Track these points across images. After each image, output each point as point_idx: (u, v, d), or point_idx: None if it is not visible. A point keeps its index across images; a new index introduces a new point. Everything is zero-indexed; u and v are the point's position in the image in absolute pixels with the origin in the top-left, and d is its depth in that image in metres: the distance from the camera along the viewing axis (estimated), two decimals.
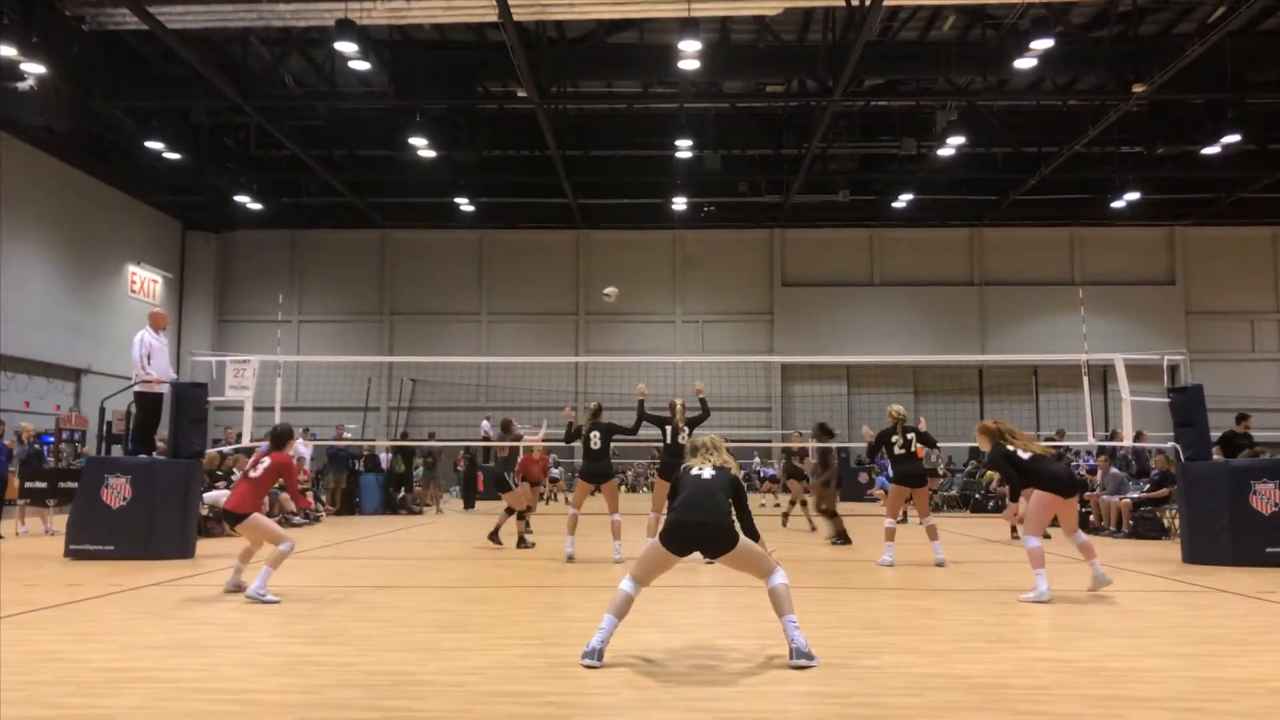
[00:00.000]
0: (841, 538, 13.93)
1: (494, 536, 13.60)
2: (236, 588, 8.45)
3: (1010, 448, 8.50)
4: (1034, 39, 20.99)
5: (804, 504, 17.03)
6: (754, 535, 6.00)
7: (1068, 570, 10.32)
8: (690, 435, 11.45)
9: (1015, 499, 8.82)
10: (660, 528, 6.05)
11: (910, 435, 11.86)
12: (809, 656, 5.68)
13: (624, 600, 5.88)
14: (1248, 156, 28.25)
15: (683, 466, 6.24)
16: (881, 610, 7.91)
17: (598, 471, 11.70)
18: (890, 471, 12.89)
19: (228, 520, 8.47)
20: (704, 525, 5.81)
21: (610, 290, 13.63)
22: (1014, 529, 13.15)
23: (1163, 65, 22.25)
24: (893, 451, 11.86)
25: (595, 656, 5.67)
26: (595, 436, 11.61)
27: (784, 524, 17.39)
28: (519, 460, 14.94)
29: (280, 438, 8.67)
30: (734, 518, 5.93)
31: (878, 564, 11.20)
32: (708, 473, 6.04)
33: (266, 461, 8.46)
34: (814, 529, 16.27)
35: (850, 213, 34.46)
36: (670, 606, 8.19)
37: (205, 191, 32.13)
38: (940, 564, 11.08)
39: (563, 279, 37.25)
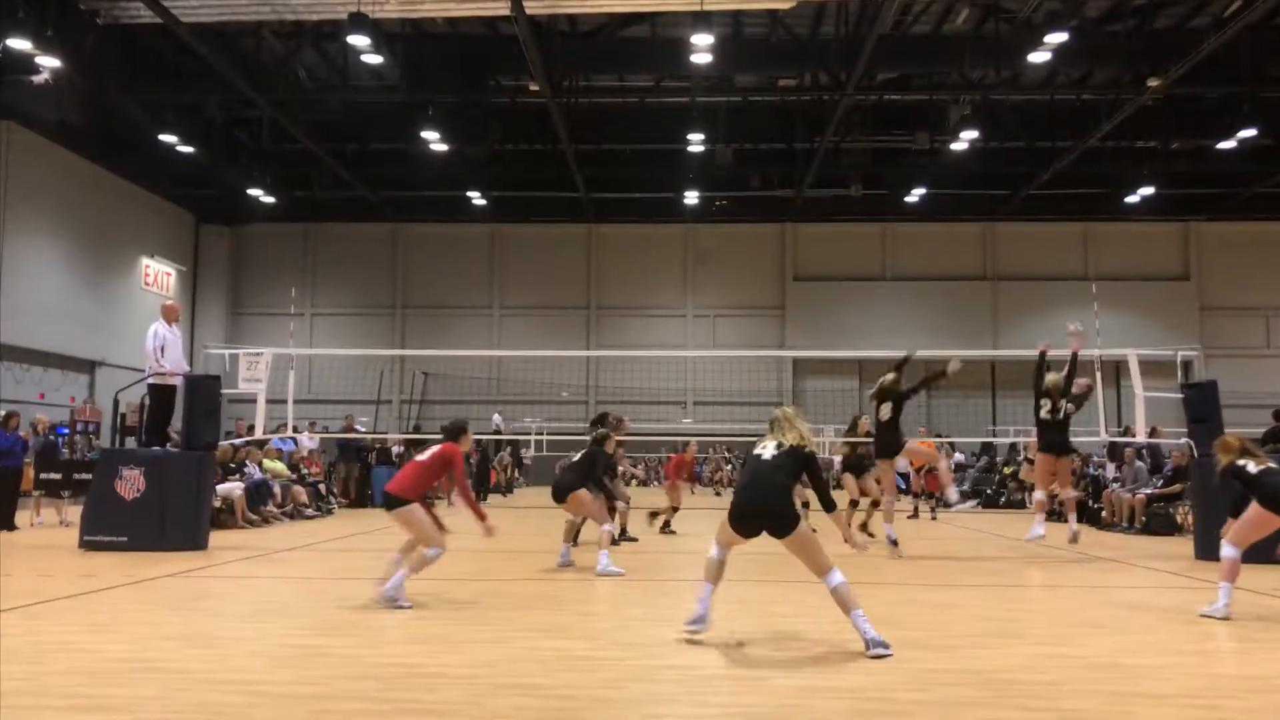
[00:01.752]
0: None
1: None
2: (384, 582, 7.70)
3: (1241, 462, 7.82)
4: (1048, 32, 20.89)
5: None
6: (829, 506, 6.26)
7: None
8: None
9: (1235, 515, 8.00)
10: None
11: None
12: (884, 645, 5.73)
13: (715, 565, 6.17)
14: (1263, 151, 28.07)
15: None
16: (891, 605, 7.89)
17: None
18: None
19: (385, 503, 7.75)
20: (758, 506, 5.92)
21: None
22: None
23: (1178, 59, 22.11)
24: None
25: (702, 621, 6.00)
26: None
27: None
28: (671, 460, 14.84)
29: (453, 431, 8.02)
30: (791, 498, 6.03)
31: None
32: (769, 453, 6.08)
33: (435, 449, 7.82)
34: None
35: (862, 207, 34.37)
36: (680, 601, 8.19)
37: (218, 185, 32.26)
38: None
39: (574, 273, 37.27)
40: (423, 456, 7.78)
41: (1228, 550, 7.59)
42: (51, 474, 15.65)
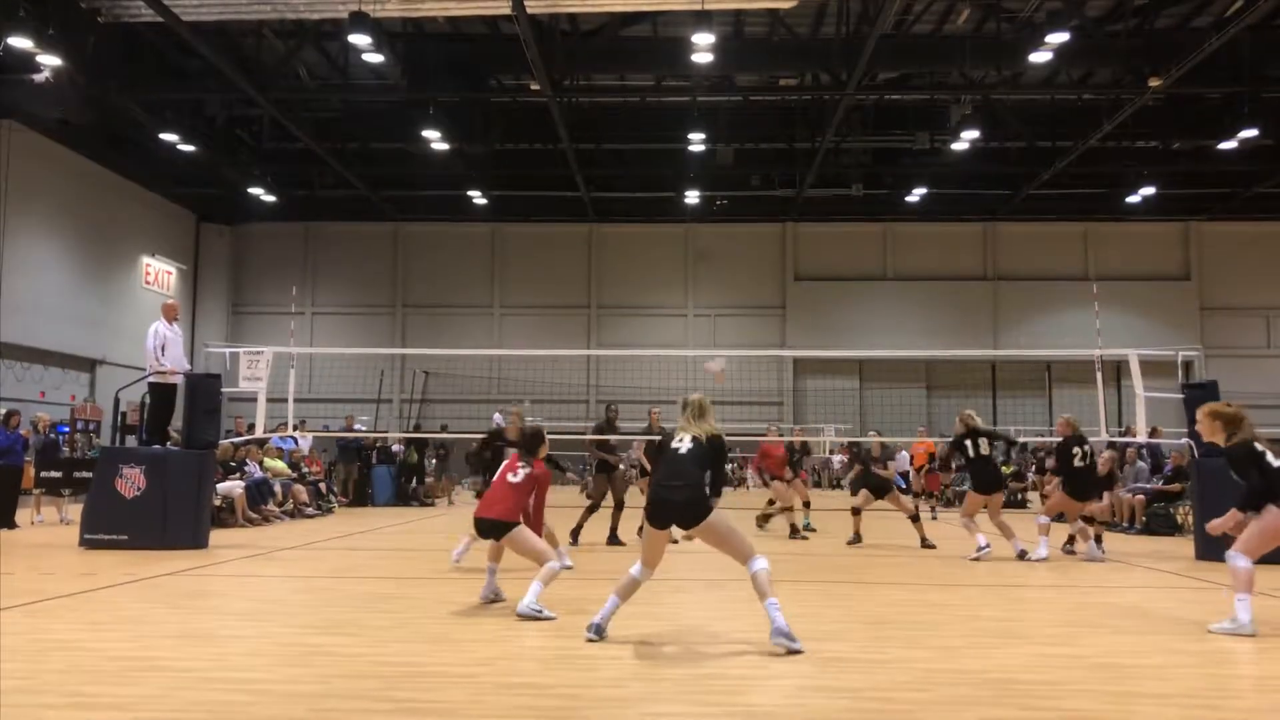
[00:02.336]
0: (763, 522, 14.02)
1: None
2: (494, 596, 7.60)
3: (1259, 446, 6.87)
4: (1049, 32, 20.88)
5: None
6: (716, 492, 6.12)
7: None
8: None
9: (1246, 509, 6.84)
10: (646, 505, 6.22)
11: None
12: (790, 638, 5.78)
13: (629, 583, 6.11)
14: (1264, 151, 28.04)
15: (669, 436, 6.33)
16: (891, 605, 7.90)
17: None
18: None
19: (491, 531, 7.32)
20: (674, 498, 5.95)
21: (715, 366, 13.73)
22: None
23: (1179, 59, 22.09)
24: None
25: (595, 631, 5.97)
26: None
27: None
28: (757, 454, 14.94)
29: (534, 443, 7.66)
30: (707, 489, 6.04)
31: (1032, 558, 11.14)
32: (685, 447, 6.14)
33: (526, 469, 7.48)
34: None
35: (863, 207, 34.38)
36: (681, 599, 8.20)
37: (219, 184, 32.26)
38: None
39: (575, 272, 37.28)
40: (515, 478, 7.43)
41: (1239, 561, 6.63)
42: (52, 472, 15.67)
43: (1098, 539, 11.97)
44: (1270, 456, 6.79)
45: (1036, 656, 5.86)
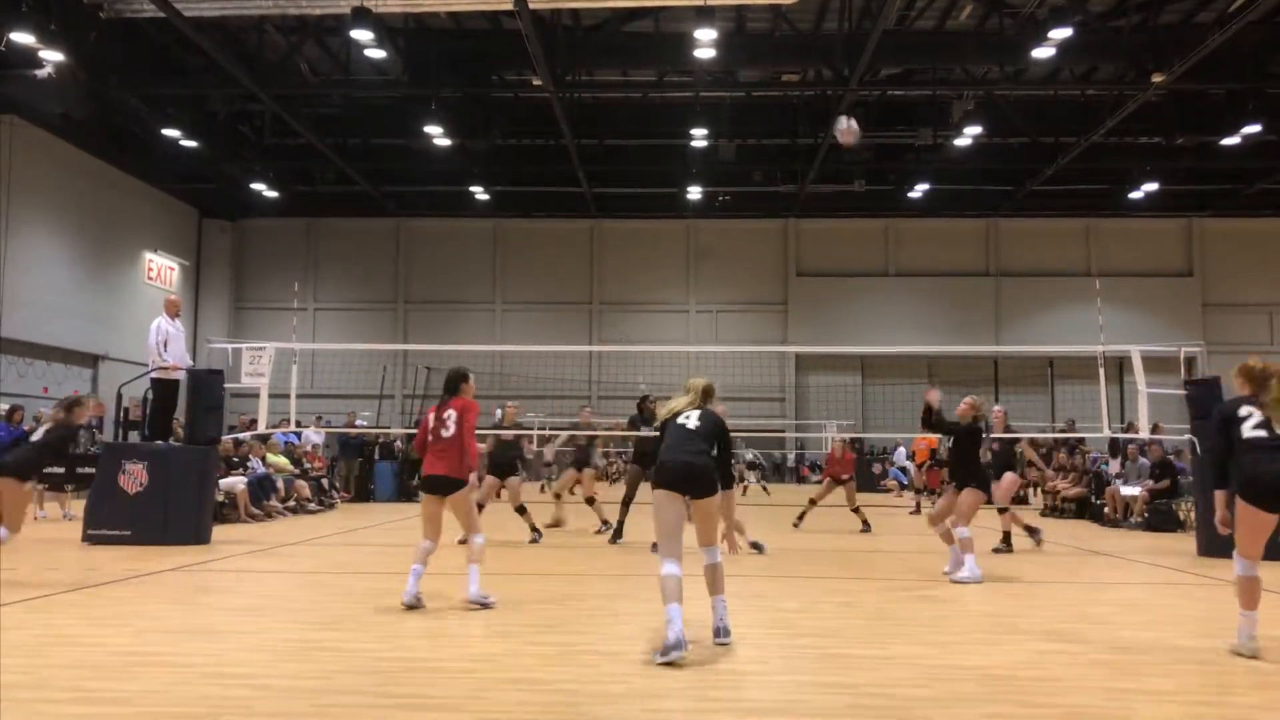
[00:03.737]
0: (614, 530, 12.65)
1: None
2: (417, 602, 7.22)
3: (1244, 411, 6.03)
4: (1052, 28, 20.84)
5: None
6: (729, 481, 6.20)
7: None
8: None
9: (1222, 481, 6.21)
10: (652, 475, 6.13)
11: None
12: (728, 635, 5.96)
13: (676, 584, 5.70)
14: (1267, 147, 27.98)
15: (671, 413, 6.28)
16: (891, 601, 7.90)
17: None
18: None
19: (439, 489, 7.30)
20: (687, 464, 5.89)
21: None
22: (1031, 529, 12.08)
23: (1183, 55, 22.04)
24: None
25: (681, 648, 5.43)
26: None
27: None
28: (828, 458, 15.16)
29: (455, 380, 7.63)
30: (715, 465, 6.03)
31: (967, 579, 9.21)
32: (693, 423, 6.12)
33: (452, 413, 7.37)
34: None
35: (865, 203, 34.33)
36: (686, 597, 8.20)
37: (221, 179, 32.27)
38: None
39: (577, 268, 37.28)
40: (448, 431, 7.32)
41: (1239, 567, 5.92)
42: (54, 468, 15.65)
43: (1031, 530, 12.10)
44: (1252, 424, 5.95)
45: (1037, 653, 5.86)
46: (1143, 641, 6.27)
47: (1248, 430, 5.95)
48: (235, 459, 15.71)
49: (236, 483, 15.00)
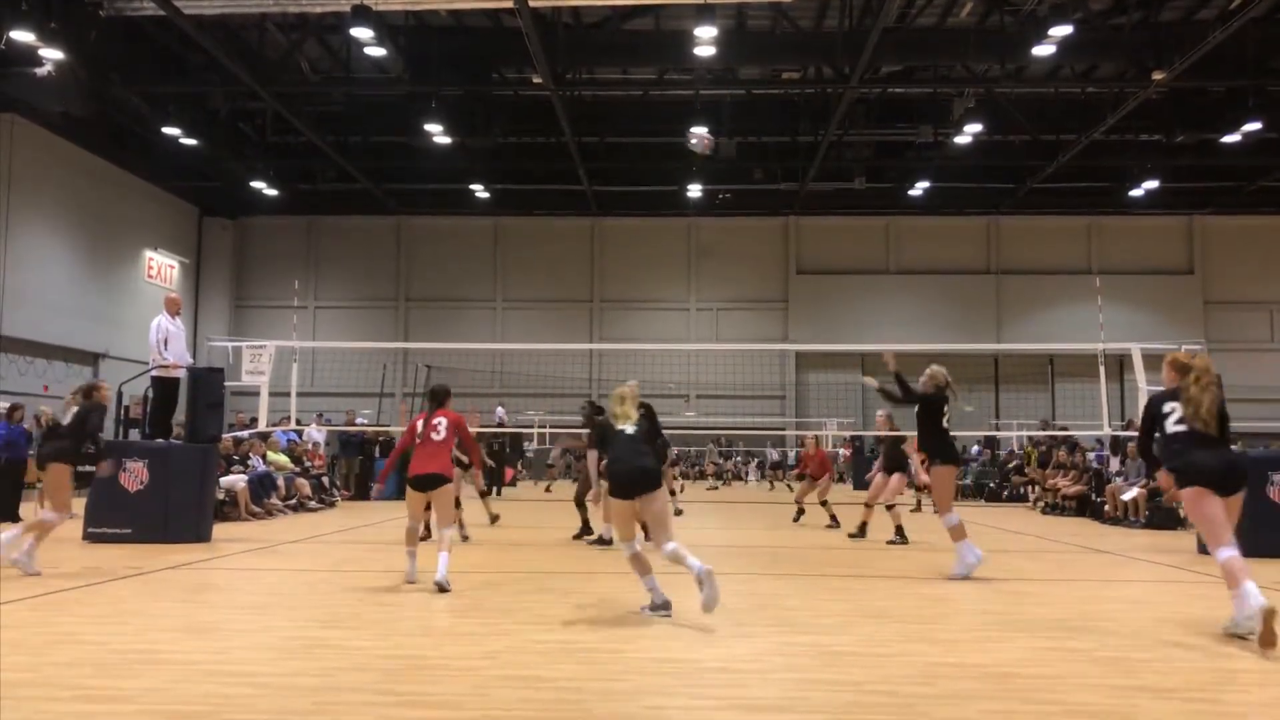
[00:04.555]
0: (586, 530, 12.36)
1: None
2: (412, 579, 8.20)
3: (1168, 407, 6.46)
4: (1053, 25, 20.81)
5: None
6: (662, 460, 7.55)
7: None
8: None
9: (1152, 469, 7.00)
10: (607, 483, 7.10)
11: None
12: (667, 608, 6.74)
13: (640, 559, 6.89)
14: (1268, 144, 27.96)
15: (609, 422, 7.25)
16: (893, 599, 7.90)
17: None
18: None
19: (426, 485, 8.10)
20: (642, 464, 6.86)
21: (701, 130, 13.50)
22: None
23: (1183, 52, 22.02)
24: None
25: (667, 607, 6.71)
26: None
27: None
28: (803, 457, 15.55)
29: (444, 395, 8.60)
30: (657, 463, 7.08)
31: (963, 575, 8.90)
32: (631, 428, 7.07)
33: (443, 421, 8.29)
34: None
35: (866, 200, 34.29)
36: (682, 595, 8.21)
37: (222, 177, 32.26)
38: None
39: (577, 266, 37.29)
40: (439, 435, 8.26)
41: (1218, 554, 6.15)
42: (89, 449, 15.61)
43: (899, 533, 12.43)
44: (1174, 420, 6.35)
45: (1038, 650, 5.86)
46: (1143, 639, 6.27)
47: (1170, 425, 6.35)
48: (236, 457, 15.72)
49: (237, 481, 15.00)
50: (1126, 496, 15.98)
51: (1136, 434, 6.94)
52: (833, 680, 5.08)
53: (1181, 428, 6.32)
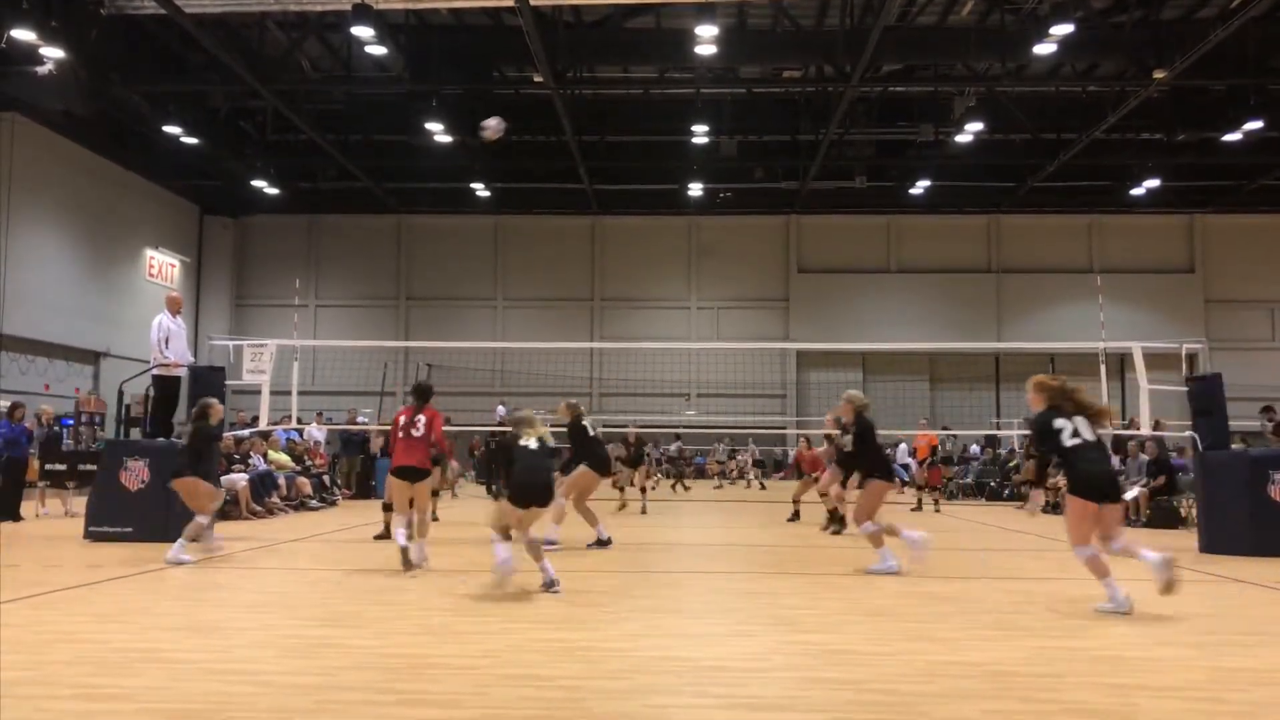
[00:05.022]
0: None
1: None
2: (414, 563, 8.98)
3: (1059, 422, 7.14)
4: (1054, 24, 20.83)
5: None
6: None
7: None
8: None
9: (1041, 481, 7.83)
10: (509, 492, 7.77)
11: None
12: (555, 586, 7.61)
13: (529, 544, 7.87)
14: (1269, 143, 27.97)
15: (515, 438, 7.92)
16: (893, 598, 7.91)
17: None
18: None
19: (407, 476, 9.09)
20: (539, 481, 7.68)
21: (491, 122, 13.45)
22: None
23: (1184, 51, 22.01)
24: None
25: (552, 585, 7.62)
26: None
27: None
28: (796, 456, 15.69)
29: (428, 392, 9.54)
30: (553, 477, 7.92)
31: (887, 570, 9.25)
32: (534, 444, 7.81)
33: (422, 418, 9.23)
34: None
35: (867, 199, 34.31)
36: (683, 594, 8.22)
37: (222, 176, 32.27)
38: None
39: (578, 265, 37.28)
40: (418, 431, 9.20)
41: (1079, 553, 7.07)
42: (56, 465, 15.68)
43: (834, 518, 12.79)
44: (1067, 435, 7.04)
45: (1038, 649, 5.86)
46: (1144, 637, 6.27)
47: (1067, 440, 7.07)
48: (237, 455, 15.72)
49: (238, 479, 15.00)
50: (1128, 496, 15.96)
51: (1026, 448, 8.09)
52: (833, 679, 5.08)
53: (1077, 441, 7.07)
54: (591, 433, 11.32)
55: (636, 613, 7.00)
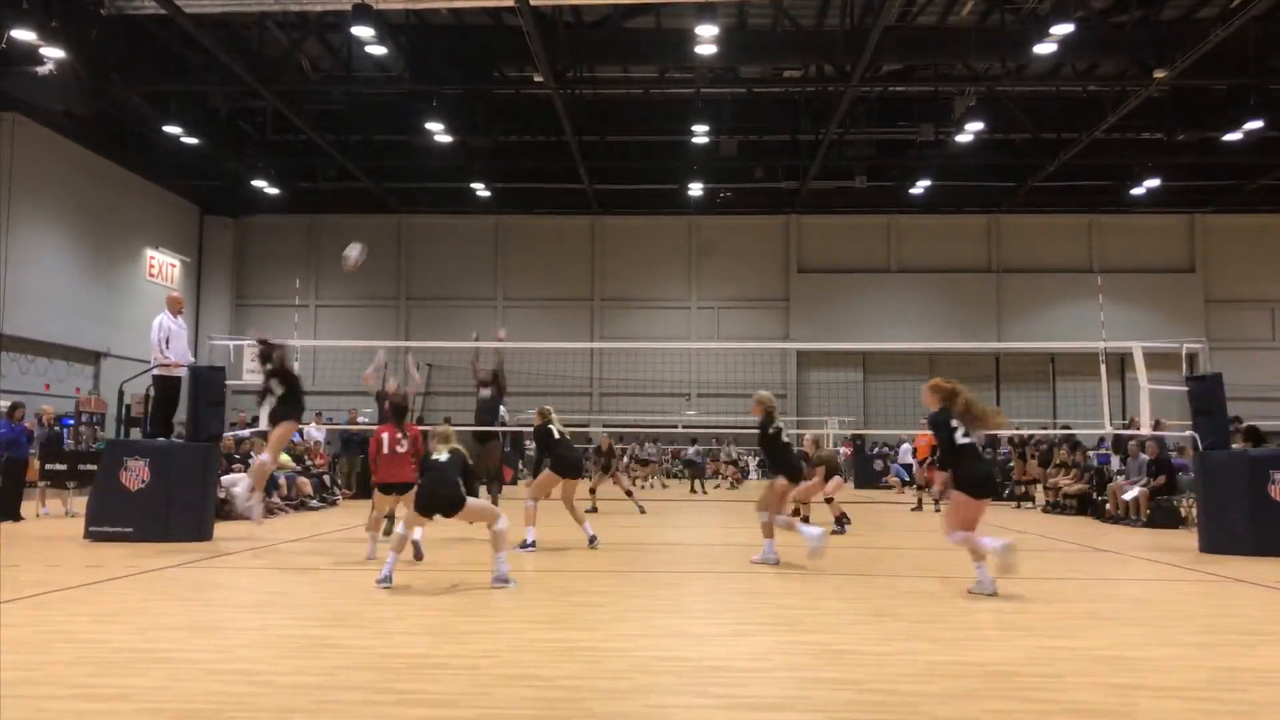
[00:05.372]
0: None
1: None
2: (417, 554, 9.57)
3: (954, 422, 7.84)
4: (1054, 24, 20.83)
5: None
6: (474, 493, 8.32)
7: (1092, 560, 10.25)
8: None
9: (943, 467, 8.08)
10: (415, 499, 8.16)
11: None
12: (507, 581, 7.85)
13: (400, 539, 8.22)
14: (1269, 143, 27.97)
15: (428, 453, 8.28)
16: (893, 597, 7.90)
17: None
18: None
19: (396, 491, 9.57)
20: (440, 494, 7.92)
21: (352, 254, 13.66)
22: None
23: (1185, 50, 22.02)
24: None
25: (388, 580, 7.86)
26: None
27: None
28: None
29: (403, 412, 9.82)
30: (462, 485, 7.99)
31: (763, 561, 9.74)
32: (443, 457, 8.06)
33: (404, 436, 9.60)
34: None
35: (867, 199, 34.32)
36: (683, 594, 8.22)
37: (223, 176, 32.28)
38: None
39: (578, 264, 37.29)
40: (402, 448, 9.55)
41: (955, 538, 7.82)
42: (56, 465, 15.68)
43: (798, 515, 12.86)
44: (959, 434, 7.77)
45: (1039, 649, 5.86)
46: (1145, 637, 6.27)
47: (959, 438, 7.77)
48: (237, 456, 15.71)
49: (238, 479, 14.98)
50: (1128, 496, 15.96)
51: (933, 447, 8.82)
52: (833, 679, 5.08)
53: (967, 440, 7.81)
54: (556, 435, 11.45)
55: (636, 613, 7.00)
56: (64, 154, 27.96)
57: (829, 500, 15.27)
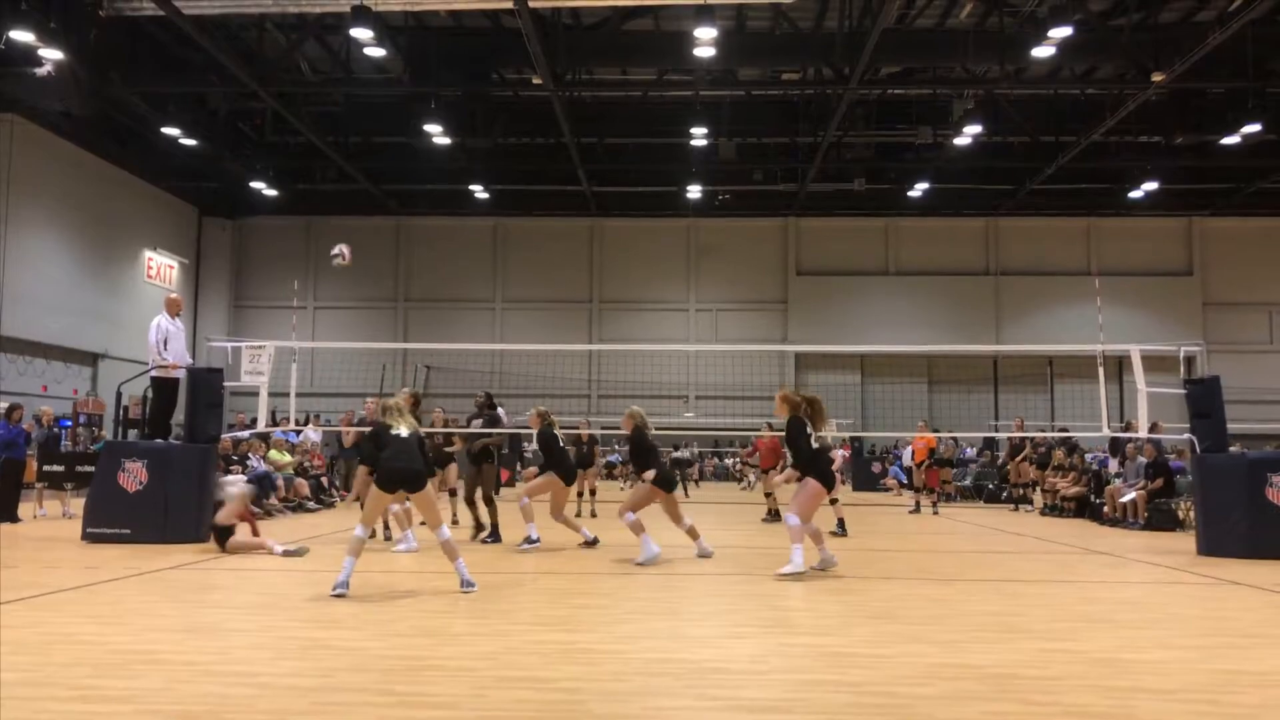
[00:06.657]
0: (488, 532, 12.12)
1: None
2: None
3: (808, 428, 8.89)
4: (1052, 27, 20.84)
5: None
6: (432, 470, 8.42)
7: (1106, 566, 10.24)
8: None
9: (796, 465, 8.98)
10: (376, 476, 7.79)
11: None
12: (471, 585, 7.70)
13: (360, 543, 7.74)
14: (1267, 146, 28.00)
15: (386, 427, 7.96)
16: (892, 600, 7.90)
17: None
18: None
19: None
20: (406, 469, 7.71)
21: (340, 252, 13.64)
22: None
23: (1183, 54, 22.06)
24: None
25: (344, 587, 7.50)
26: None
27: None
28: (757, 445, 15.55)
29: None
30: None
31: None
32: (404, 433, 7.88)
33: None
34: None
35: (865, 202, 34.36)
36: (681, 595, 8.22)
37: (221, 177, 32.28)
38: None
39: (577, 267, 37.30)
40: None
41: (793, 520, 8.69)
42: (54, 466, 15.65)
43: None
44: (812, 438, 8.85)
45: (1038, 652, 5.86)
46: (1143, 640, 6.27)
47: (813, 442, 8.89)
48: (234, 457, 15.69)
49: (236, 480, 14.95)
50: (1125, 499, 15.97)
51: (790, 448, 9.24)
52: (832, 681, 5.08)
53: (818, 444, 8.99)
54: (560, 442, 11.29)
55: (635, 615, 7.00)
56: (63, 155, 27.96)
57: (833, 501, 15.26)
